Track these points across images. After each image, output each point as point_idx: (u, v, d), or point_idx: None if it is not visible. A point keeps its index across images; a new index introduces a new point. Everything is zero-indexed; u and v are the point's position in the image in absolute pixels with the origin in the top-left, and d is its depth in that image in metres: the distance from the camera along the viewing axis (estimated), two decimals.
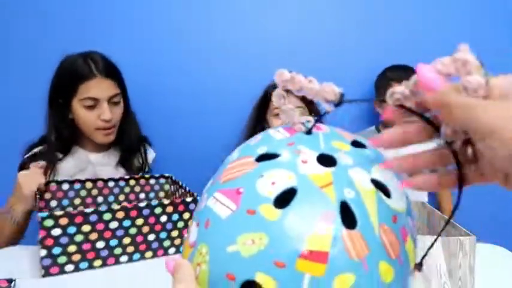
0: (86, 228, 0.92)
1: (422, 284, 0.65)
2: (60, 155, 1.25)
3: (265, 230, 0.31)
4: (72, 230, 0.91)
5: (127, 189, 1.22)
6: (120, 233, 0.95)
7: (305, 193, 0.32)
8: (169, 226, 1.00)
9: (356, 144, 0.37)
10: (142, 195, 1.24)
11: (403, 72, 1.42)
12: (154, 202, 0.98)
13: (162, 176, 1.28)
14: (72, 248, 0.92)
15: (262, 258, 0.31)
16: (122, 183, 1.21)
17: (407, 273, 0.34)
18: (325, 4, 1.62)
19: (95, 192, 1.18)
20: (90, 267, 0.95)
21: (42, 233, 0.89)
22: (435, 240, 0.35)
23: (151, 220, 0.99)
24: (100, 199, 1.19)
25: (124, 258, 0.98)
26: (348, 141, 0.37)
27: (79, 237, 0.92)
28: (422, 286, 0.66)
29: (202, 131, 1.65)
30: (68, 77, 1.18)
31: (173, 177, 1.25)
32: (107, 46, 1.34)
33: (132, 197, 1.23)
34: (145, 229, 0.98)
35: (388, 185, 0.35)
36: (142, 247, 0.99)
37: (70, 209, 1.09)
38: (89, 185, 1.18)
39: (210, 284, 0.32)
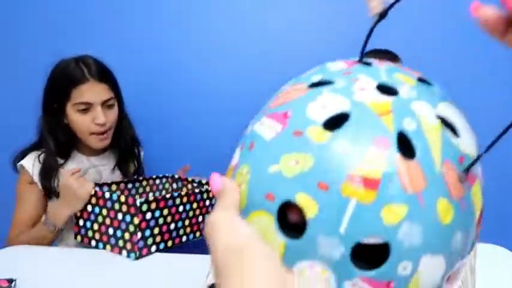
0: (165, 212, 1.07)
1: None
2: (61, 161, 1.24)
3: (311, 151, 0.29)
4: (157, 213, 1.05)
5: (141, 190, 1.32)
6: (184, 215, 1.13)
7: (359, 118, 0.30)
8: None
9: (423, 80, 0.34)
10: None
11: (382, 55, 1.37)
12: (197, 190, 1.17)
13: (165, 177, 1.39)
14: (156, 230, 1.06)
15: (305, 179, 0.29)
16: (137, 184, 1.31)
17: (471, 221, 0.30)
18: (325, 4, 1.62)
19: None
20: (165, 246, 1.09)
21: (140, 217, 1.02)
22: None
23: (201, 204, 1.18)
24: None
25: (184, 238, 1.15)
26: (413, 76, 0.34)
27: (161, 220, 1.06)
28: None
29: (201, 132, 1.65)
30: (61, 82, 1.17)
31: (174, 176, 1.37)
32: (104, 47, 1.34)
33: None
34: (198, 212, 1.17)
35: (457, 124, 0.32)
36: (195, 227, 1.17)
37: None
38: (114, 187, 1.24)
39: (248, 204, 0.31)
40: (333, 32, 1.62)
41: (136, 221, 1.01)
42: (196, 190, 1.16)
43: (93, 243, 1.10)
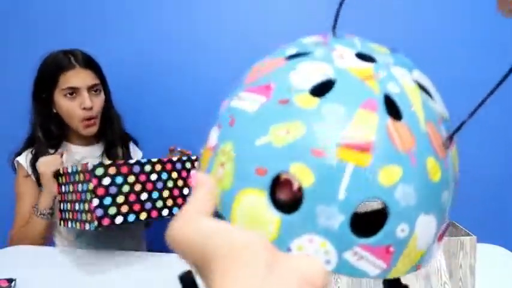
0: (131, 179, 0.94)
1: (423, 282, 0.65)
2: (52, 151, 1.28)
3: (301, 118, 0.28)
4: (119, 180, 0.93)
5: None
6: (159, 185, 0.98)
7: (345, 84, 0.29)
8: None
9: (394, 50, 0.34)
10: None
11: None
12: (184, 157, 1.03)
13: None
14: (120, 199, 0.93)
15: (298, 147, 0.27)
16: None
17: (453, 181, 0.31)
18: (325, 3, 1.62)
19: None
20: (137, 219, 0.95)
21: (94, 182, 0.90)
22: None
23: (184, 174, 1.02)
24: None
25: (165, 212, 0.99)
26: (385, 47, 0.35)
27: (126, 188, 0.93)
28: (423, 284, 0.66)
29: (200, 132, 1.64)
30: (49, 70, 1.23)
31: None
32: (100, 46, 1.34)
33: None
34: (180, 183, 1.02)
35: (430, 88, 0.32)
36: (179, 201, 1.01)
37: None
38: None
39: (235, 183, 0.28)
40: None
41: (91, 186, 0.90)
42: (174, 158, 1.02)
43: (69, 224, 1.01)
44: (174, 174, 1.01)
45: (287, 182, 0.28)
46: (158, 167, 0.98)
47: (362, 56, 0.32)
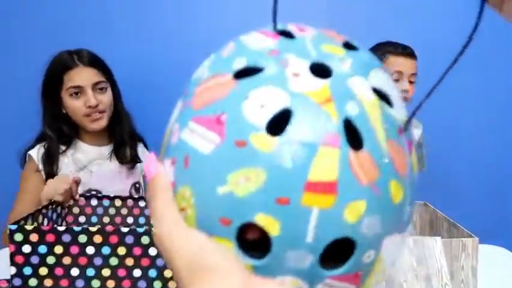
0: (59, 249, 0.79)
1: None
2: (63, 147, 1.29)
3: (261, 164, 0.26)
4: (43, 249, 0.78)
5: (112, 211, 1.09)
6: (98, 261, 0.79)
7: (302, 114, 0.27)
8: (160, 262, 0.81)
9: (349, 46, 0.32)
10: (130, 220, 1.10)
11: (399, 46, 1.39)
12: (141, 229, 0.79)
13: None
14: (43, 271, 0.79)
15: (261, 196, 0.26)
16: (105, 202, 1.09)
17: (414, 188, 0.31)
18: (325, 3, 1.61)
19: (124, 211, 1.09)
20: None
21: (11, 248, 0.78)
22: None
23: (137, 251, 0.80)
24: (130, 219, 1.09)
25: None
26: (339, 44, 0.31)
27: (51, 259, 0.79)
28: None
29: None
30: (55, 70, 1.24)
31: None
32: (106, 47, 1.33)
33: (118, 220, 1.09)
34: (130, 261, 0.80)
35: (388, 91, 0.30)
36: (125, 284, 0.81)
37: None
38: (118, 202, 1.08)
39: (201, 230, 0.27)
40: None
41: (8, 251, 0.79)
42: (124, 230, 0.79)
43: None
44: (122, 250, 0.79)
45: (254, 229, 0.27)
46: (98, 239, 0.79)
47: (317, 68, 0.29)
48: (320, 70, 0.29)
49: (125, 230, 0.78)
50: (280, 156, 0.26)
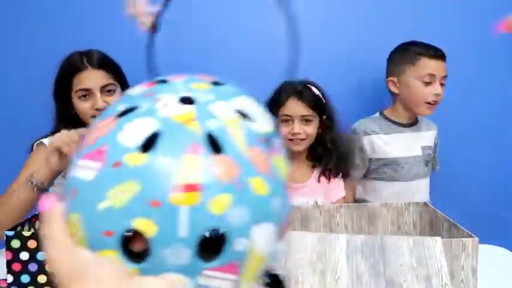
0: None
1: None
2: None
3: (134, 177, 0.31)
4: (41, 256, 0.77)
5: None
6: None
7: (169, 133, 0.33)
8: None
9: (216, 83, 0.39)
10: None
11: (431, 48, 1.35)
12: None
13: None
14: (42, 279, 0.77)
15: (135, 203, 0.31)
16: None
17: (282, 186, 0.36)
18: (326, 3, 1.61)
19: None
20: None
21: (8, 255, 0.76)
22: None
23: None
24: None
25: None
26: (208, 81, 0.39)
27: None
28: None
29: None
30: (64, 72, 1.25)
31: None
32: (111, 46, 1.33)
33: None
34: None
35: (252, 111, 0.37)
36: None
37: None
38: None
39: (90, 248, 0.31)
40: (334, 30, 1.62)
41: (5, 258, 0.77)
42: None
43: None
44: None
45: (136, 236, 0.32)
46: None
47: (184, 100, 0.35)
48: (186, 100, 0.35)
49: None
50: (150, 167, 0.31)
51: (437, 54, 1.35)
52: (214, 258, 0.32)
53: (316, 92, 1.30)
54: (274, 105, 1.32)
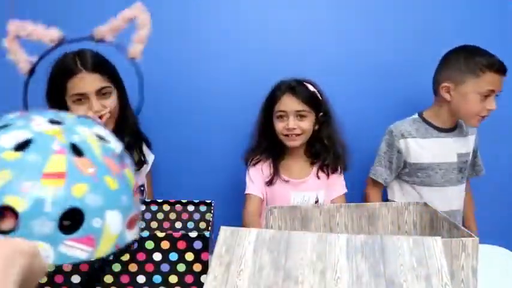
0: None
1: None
2: None
3: (8, 167, 0.43)
4: None
5: (160, 216, 1.03)
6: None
7: (40, 140, 0.46)
8: (165, 268, 0.78)
9: (79, 118, 0.54)
10: (178, 225, 1.04)
11: (496, 62, 1.27)
12: (145, 233, 0.76)
13: (203, 203, 1.03)
14: (41, 279, 0.76)
15: (8, 186, 0.42)
16: (153, 207, 1.03)
17: (129, 188, 0.51)
18: (325, 3, 1.61)
19: None
20: None
21: None
22: None
23: (141, 256, 0.77)
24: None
25: None
26: (71, 115, 0.54)
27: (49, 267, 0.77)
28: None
29: (205, 134, 1.63)
30: (57, 76, 1.20)
31: (212, 204, 1.01)
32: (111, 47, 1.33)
33: (166, 225, 1.04)
34: (133, 267, 0.77)
35: (107, 135, 0.52)
36: None
37: None
38: None
39: None
40: (335, 30, 1.61)
41: None
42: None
43: None
44: (125, 256, 0.76)
45: (7, 212, 0.42)
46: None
47: (53, 121, 0.49)
48: (55, 122, 0.50)
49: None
50: (23, 160, 0.44)
51: (502, 69, 1.29)
52: (74, 232, 0.44)
53: (311, 88, 1.31)
54: (270, 102, 1.35)
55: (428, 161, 1.37)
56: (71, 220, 0.44)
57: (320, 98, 1.33)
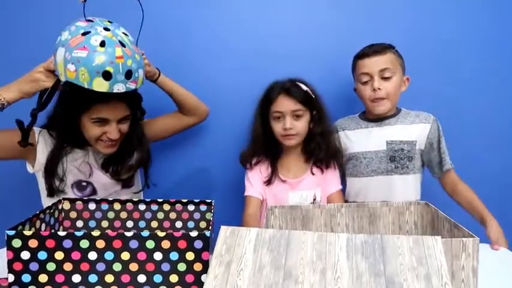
0: (59, 255, 0.77)
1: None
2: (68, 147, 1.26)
3: (102, 54, 1.00)
4: (43, 255, 0.77)
5: (160, 215, 1.06)
6: (101, 267, 0.77)
7: (108, 41, 1.03)
8: (165, 267, 0.78)
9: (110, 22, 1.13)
10: (179, 224, 1.06)
11: (363, 49, 1.39)
12: (145, 233, 0.77)
13: (203, 202, 1.05)
14: (43, 278, 0.77)
15: (103, 63, 1.01)
16: (154, 206, 1.06)
17: (141, 59, 1.10)
18: (325, 3, 1.61)
19: (123, 215, 1.06)
20: None
21: (9, 255, 0.76)
22: None
23: (142, 256, 0.78)
24: (130, 224, 1.06)
25: None
26: (109, 24, 1.11)
27: (51, 266, 0.77)
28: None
29: (205, 134, 1.64)
30: (84, 96, 1.13)
31: (213, 203, 1.03)
32: None
33: (166, 224, 1.06)
34: (134, 267, 0.78)
35: (126, 32, 1.09)
36: None
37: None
38: (117, 206, 1.06)
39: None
40: (334, 31, 1.61)
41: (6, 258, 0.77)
42: (128, 234, 0.76)
43: None
44: (125, 255, 0.77)
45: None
46: (101, 244, 0.76)
47: (106, 29, 1.06)
48: (107, 29, 1.06)
49: (128, 234, 0.77)
50: (106, 51, 1.03)
51: (365, 52, 1.37)
52: (130, 78, 1.04)
53: (305, 88, 1.33)
54: (265, 103, 1.37)
55: (353, 150, 1.43)
56: (127, 77, 1.04)
57: (313, 96, 1.35)
